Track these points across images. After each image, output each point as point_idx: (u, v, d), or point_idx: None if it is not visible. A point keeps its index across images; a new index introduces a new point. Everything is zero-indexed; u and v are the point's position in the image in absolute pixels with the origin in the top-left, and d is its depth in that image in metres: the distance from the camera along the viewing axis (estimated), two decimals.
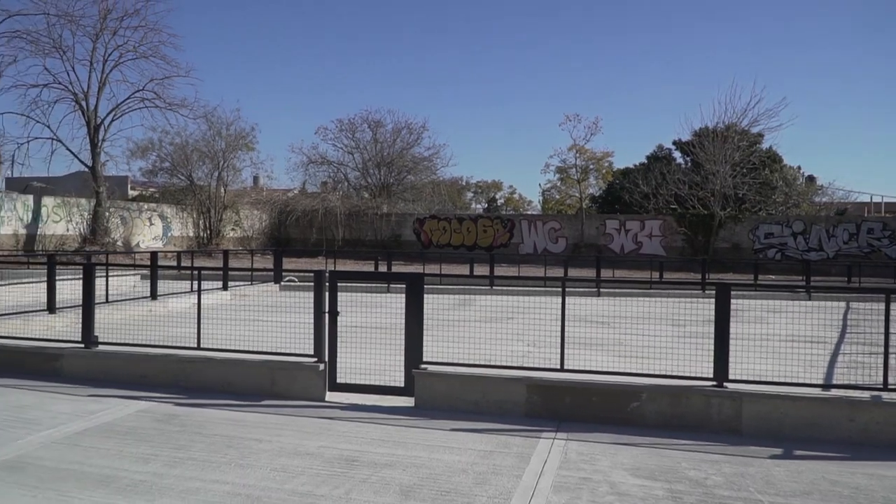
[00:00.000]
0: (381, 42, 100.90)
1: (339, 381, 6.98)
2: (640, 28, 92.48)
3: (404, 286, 6.98)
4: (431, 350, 6.83)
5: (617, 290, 16.84)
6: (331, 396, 6.94)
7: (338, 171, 50.38)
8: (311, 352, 7.01)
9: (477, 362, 6.74)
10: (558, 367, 6.56)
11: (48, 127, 33.57)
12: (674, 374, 6.39)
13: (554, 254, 36.15)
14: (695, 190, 34.03)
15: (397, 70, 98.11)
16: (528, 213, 56.25)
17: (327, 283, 7.03)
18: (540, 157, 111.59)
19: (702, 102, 77.40)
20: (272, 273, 18.82)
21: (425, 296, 6.91)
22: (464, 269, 24.49)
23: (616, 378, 6.41)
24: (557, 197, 50.44)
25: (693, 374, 6.30)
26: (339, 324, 7.04)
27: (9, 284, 12.25)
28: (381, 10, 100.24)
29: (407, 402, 6.74)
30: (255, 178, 50.08)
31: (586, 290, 16.63)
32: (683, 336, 7.46)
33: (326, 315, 6.94)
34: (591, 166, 44.20)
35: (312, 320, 7.06)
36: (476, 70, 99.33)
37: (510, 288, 16.28)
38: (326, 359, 6.94)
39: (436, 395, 6.64)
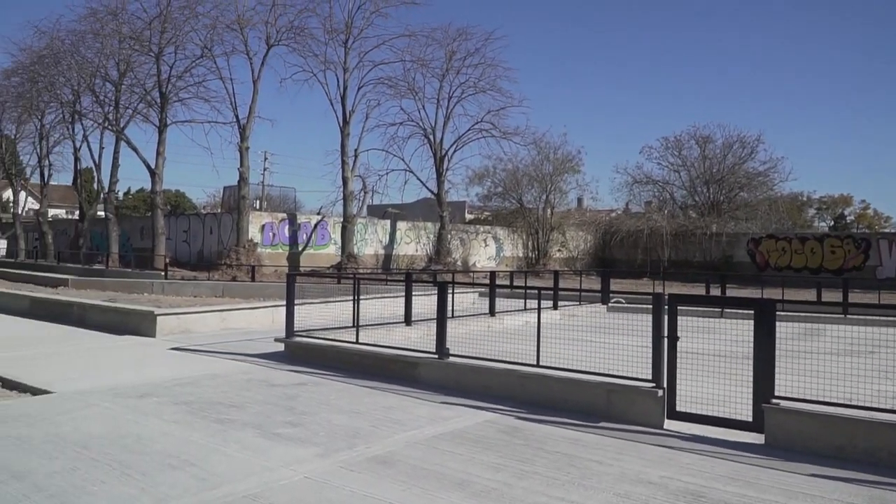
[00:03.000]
0: (705, 55, 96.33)
1: (678, 409, 6.71)
2: None
3: (741, 311, 6.50)
4: (782, 383, 6.23)
5: None
6: (669, 424, 6.69)
7: (663, 190, 49.08)
8: (648, 376, 6.85)
9: (838, 401, 5.97)
10: None
11: (402, 160, 38.05)
12: None
13: None
14: None
15: (726, 82, 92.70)
16: (888, 231, 48.79)
17: (666, 307, 6.82)
18: None
19: None
20: (599, 294, 18.90)
21: None
22: (809, 295, 22.09)
23: None
24: None
25: None
26: (676, 349, 6.79)
27: (372, 298, 14.04)
28: (701, 24, 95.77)
29: (755, 438, 6.22)
30: (580, 200, 51.03)
31: None
32: None
33: (665, 340, 6.74)
34: None
35: (645, 343, 6.92)
36: (816, 75, 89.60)
37: (869, 317, 14.17)
38: (665, 385, 6.72)
39: (790, 435, 6.02)
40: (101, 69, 34.83)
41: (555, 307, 15.86)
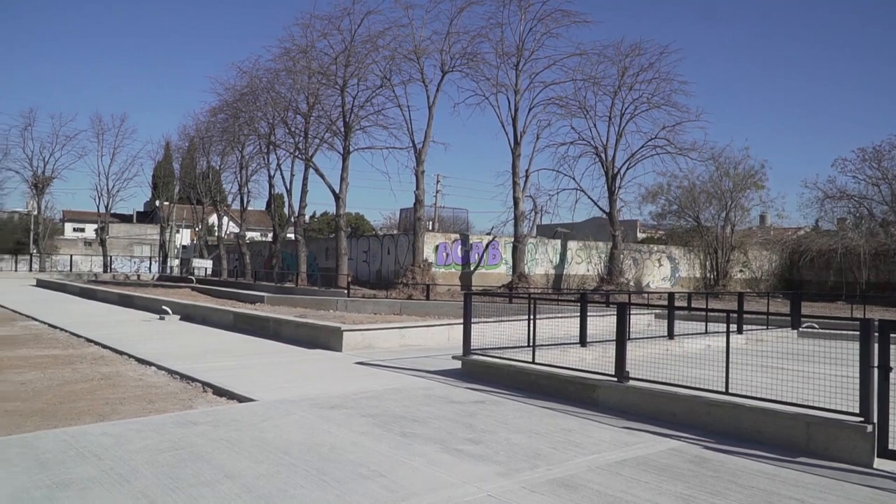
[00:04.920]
0: None
1: (891, 447, 6.08)
2: None
3: None
4: None
5: None
6: (879, 463, 6.08)
7: (860, 206, 44.81)
8: (854, 409, 6.27)
9: None
10: None
11: (573, 179, 37.83)
12: None
13: None
14: None
15: None
16: None
17: (876, 334, 6.22)
18: None
19: None
20: (788, 318, 17.58)
21: None
22: None
23: None
24: None
25: None
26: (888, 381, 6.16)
27: (544, 318, 14.00)
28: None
29: None
30: (762, 217, 47.97)
31: None
32: None
33: (875, 370, 6.14)
34: None
35: (846, 373, 6.40)
36: None
37: None
38: (875, 420, 6.12)
39: None
40: (292, 103, 37.86)
41: (739, 331, 14.94)
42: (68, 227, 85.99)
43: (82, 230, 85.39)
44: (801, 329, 16.64)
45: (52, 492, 4.90)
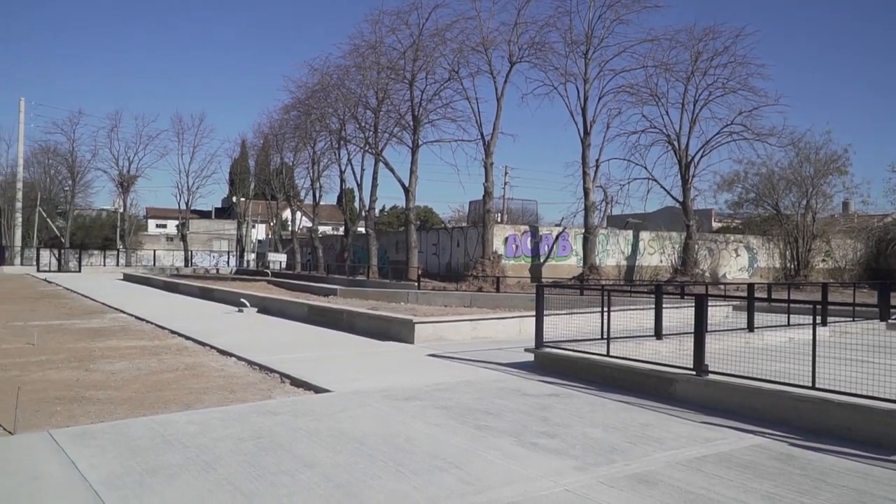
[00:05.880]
0: None
1: None
2: None
3: None
4: None
5: None
6: None
7: None
8: None
9: None
10: None
11: (645, 168, 37.04)
12: None
13: None
14: None
15: None
16: None
17: None
18: None
19: None
20: (876, 309, 16.74)
21: None
22: None
23: None
24: None
25: None
26: None
27: (617, 310, 13.74)
28: None
29: None
30: (845, 204, 45.95)
31: None
32: None
33: None
34: None
35: None
36: None
37: None
38: None
39: None
40: (362, 98, 38.38)
41: (824, 323, 14.31)
42: (151, 223, 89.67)
43: (164, 226, 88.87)
44: (890, 321, 15.84)
45: (143, 478, 5.10)
